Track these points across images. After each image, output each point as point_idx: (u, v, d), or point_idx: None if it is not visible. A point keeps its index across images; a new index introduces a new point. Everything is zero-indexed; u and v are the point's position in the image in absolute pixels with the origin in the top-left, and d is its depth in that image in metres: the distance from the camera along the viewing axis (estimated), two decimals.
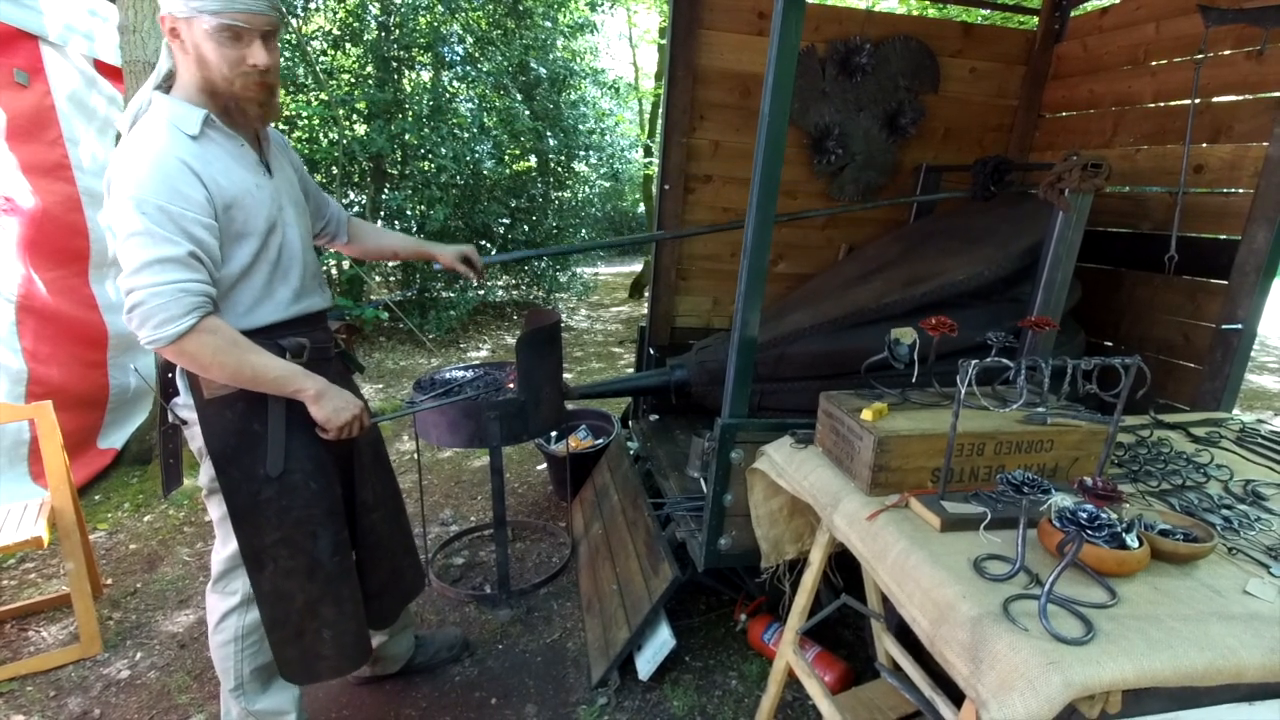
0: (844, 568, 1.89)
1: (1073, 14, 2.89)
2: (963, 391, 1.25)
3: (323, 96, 5.52)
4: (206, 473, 1.47)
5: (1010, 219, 2.44)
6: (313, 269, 1.56)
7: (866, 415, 1.41)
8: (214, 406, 1.41)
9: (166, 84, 1.36)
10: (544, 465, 3.62)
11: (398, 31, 6.11)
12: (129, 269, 1.23)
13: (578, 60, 7.85)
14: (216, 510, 1.51)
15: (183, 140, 1.28)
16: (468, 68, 6.70)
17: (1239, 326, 2.02)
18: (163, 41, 1.34)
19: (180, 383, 1.45)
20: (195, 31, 1.25)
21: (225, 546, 1.55)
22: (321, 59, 6.09)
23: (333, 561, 1.55)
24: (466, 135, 6.29)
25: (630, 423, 3.16)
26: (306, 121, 5.75)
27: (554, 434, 3.24)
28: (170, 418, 1.50)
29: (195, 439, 1.46)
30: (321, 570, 1.53)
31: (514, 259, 3.94)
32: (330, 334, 1.66)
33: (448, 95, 6.41)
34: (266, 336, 1.41)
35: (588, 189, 8.51)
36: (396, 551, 1.81)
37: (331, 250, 1.96)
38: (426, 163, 6.05)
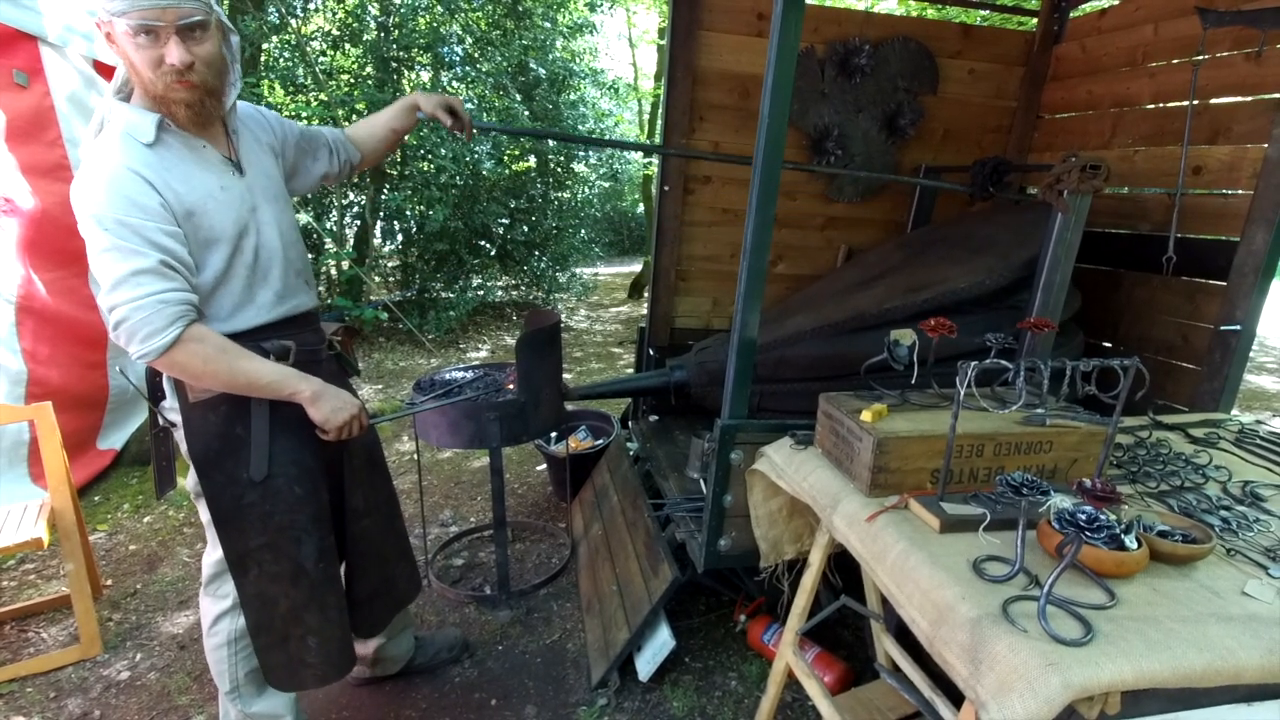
0: (843, 568, 1.89)
1: (1071, 15, 2.90)
2: (962, 393, 1.26)
3: (322, 97, 5.52)
4: (194, 475, 1.46)
5: (1012, 228, 2.45)
6: (296, 266, 1.52)
7: (866, 416, 1.41)
8: (198, 410, 1.40)
9: (127, 90, 1.33)
10: (544, 466, 3.62)
11: (397, 32, 6.11)
12: (105, 286, 1.23)
13: (577, 61, 7.85)
14: (206, 513, 1.50)
15: (136, 150, 1.26)
16: (467, 68, 6.70)
17: (1237, 327, 2.02)
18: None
19: (167, 386, 1.44)
20: (118, 34, 1.21)
21: (215, 550, 1.54)
22: (321, 59, 6.09)
23: (317, 568, 1.53)
24: None
25: (630, 423, 3.16)
26: (306, 122, 5.74)
27: (554, 435, 3.24)
28: (160, 421, 1.49)
29: (184, 441, 1.45)
30: (306, 577, 1.51)
31: (517, 133, 3.77)
32: (321, 335, 1.63)
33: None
34: (250, 340, 1.39)
35: (587, 189, 8.51)
36: (389, 558, 1.78)
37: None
38: (426, 163, 6.05)
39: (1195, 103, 2.21)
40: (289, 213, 1.53)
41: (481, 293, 7.26)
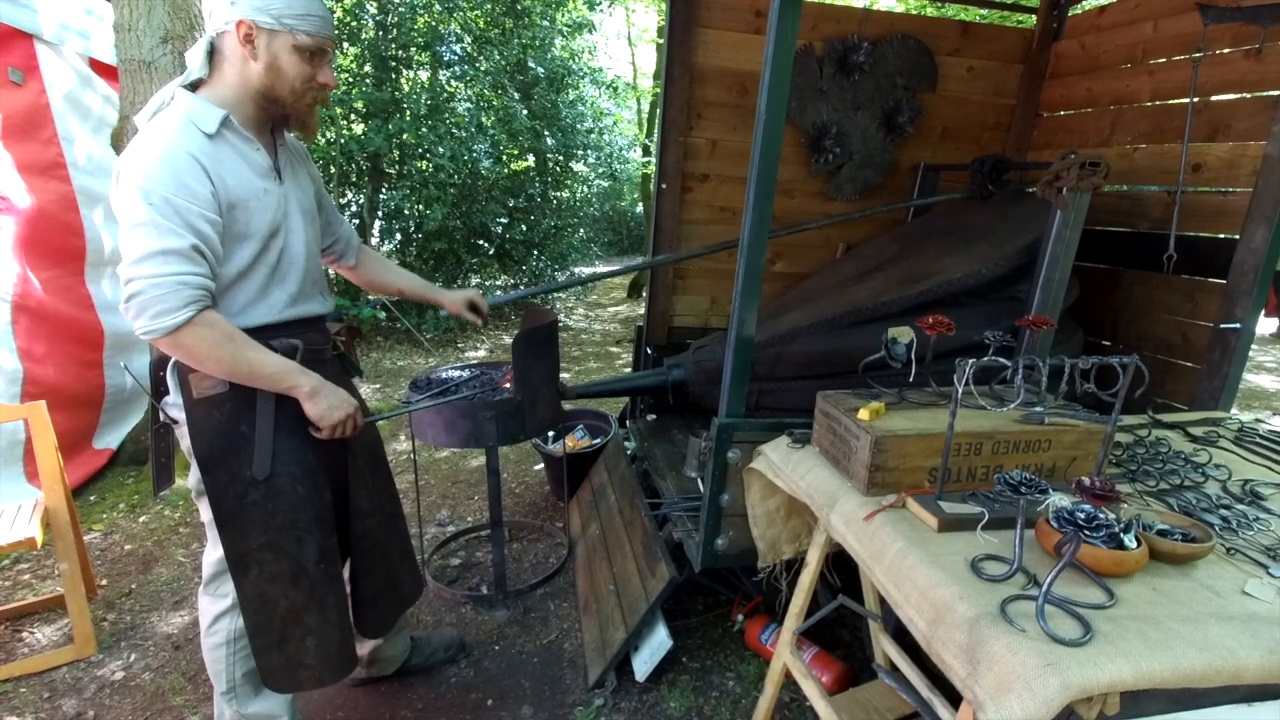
0: (841, 568, 1.88)
1: (1070, 13, 2.89)
2: (960, 391, 1.25)
3: None
4: (196, 474, 1.46)
5: (1008, 217, 2.44)
6: (314, 276, 1.56)
7: (863, 415, 1.40)
8: (202, 407, 1.40)
9: (192, 83, 1.37)
10: (541, 465, 3.61)
11: (395, 31, 6.10)
12: (130, 258, 1.24)
13: (576, 60, 7.85)
14: (207, 512, 1.49)
15: (196, 136, 1.29)
16: (466, 67, 6.69)
17: (1237, 325, 2.01)
18: (201, 49, 1.34)
19: (171, 381, 1.43)
20: (277, 44, 1.33)
21: (216, 549, 1.53)
22: None
23: (318, 568, 1.52)
24: (464, 134, 6.28)
25: (628, 422, 3.15)
26: None
27: (551, 434, 3.23)
28: (162, 417, 1.49)
29: (185, 439, 1.45)
30: (306, 577, 1.51)
31: (518, 297, 3.92)
32: (328, 336, 1.65)
33: (446, 94, 6.41)
34: (258, 337, 1.40)
35: (586, 188, 8.52)
36: (393, 558, 1.78)
37: (335, 271, 1.96)
38: (424, 162, 6.04)
39: (1195, 100, 2.20)
40: (314, 229, 1.58)
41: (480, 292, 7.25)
